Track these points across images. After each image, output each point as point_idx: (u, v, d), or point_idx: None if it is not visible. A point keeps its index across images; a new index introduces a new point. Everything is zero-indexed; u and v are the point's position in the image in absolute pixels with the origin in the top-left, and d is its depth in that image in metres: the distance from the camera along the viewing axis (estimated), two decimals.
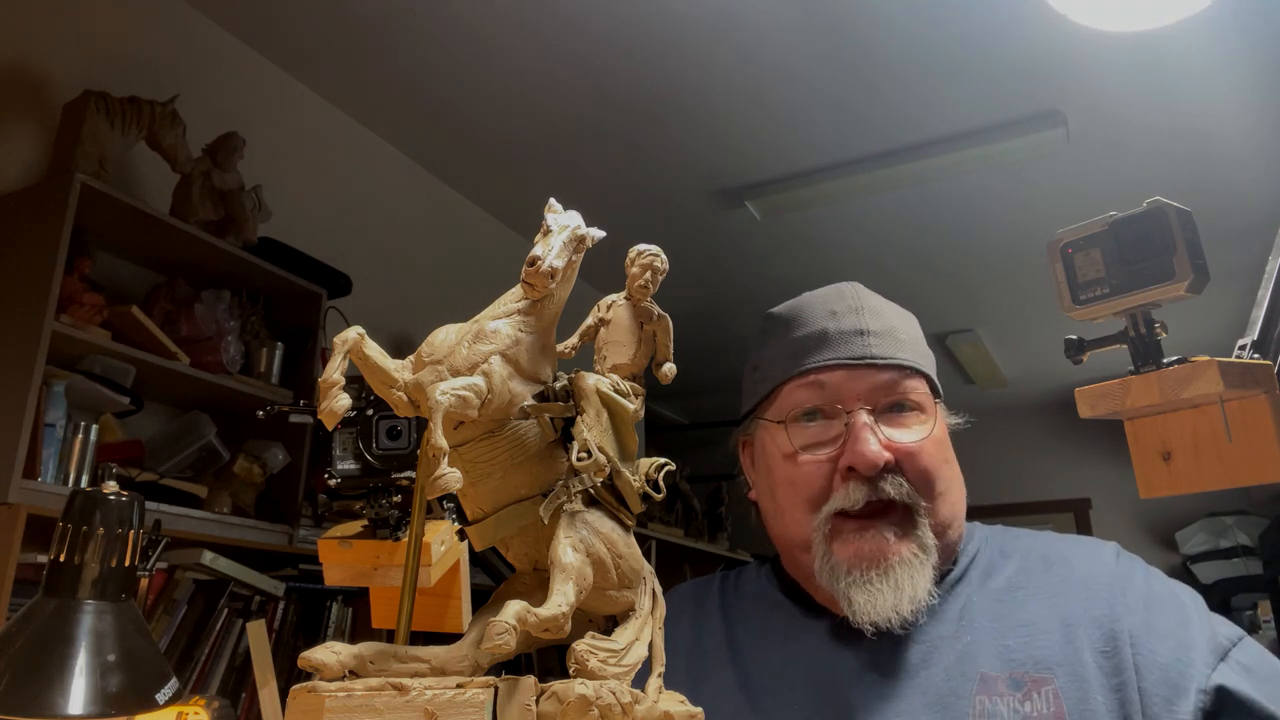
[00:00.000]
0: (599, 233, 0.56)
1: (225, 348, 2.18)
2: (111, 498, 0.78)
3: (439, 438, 0.45)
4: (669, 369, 0.62)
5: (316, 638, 2.14)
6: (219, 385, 2.15)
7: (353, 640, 0.63)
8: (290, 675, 1.99)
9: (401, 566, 0.67)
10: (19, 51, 2.10)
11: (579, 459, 0.53)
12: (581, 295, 0.58)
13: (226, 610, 1.98)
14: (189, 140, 2.20)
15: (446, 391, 0.47)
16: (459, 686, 0.46)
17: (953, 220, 3.66)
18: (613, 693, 0.47)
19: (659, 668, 0.56)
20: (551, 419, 0.55)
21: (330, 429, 0.56)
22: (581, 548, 0.52)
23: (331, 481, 0.73)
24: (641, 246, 0.62)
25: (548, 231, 0.53)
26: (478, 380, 0.49)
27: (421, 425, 0.70)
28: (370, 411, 0.72)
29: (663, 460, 0.59)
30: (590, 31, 2.59)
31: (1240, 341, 0.71)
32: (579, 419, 0.55)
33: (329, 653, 0.48)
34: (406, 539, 0.64)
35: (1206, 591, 5.13)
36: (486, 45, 2.67)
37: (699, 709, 0.53)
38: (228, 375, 2.18)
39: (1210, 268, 0.67)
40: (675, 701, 0.52)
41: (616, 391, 0.58)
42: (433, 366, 0.51)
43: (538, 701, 0.46)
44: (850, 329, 0.88)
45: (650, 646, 0.56)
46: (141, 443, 2.11)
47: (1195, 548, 5.30)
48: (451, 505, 0.77)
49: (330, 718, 0.45)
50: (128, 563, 0.77)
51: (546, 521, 0.53)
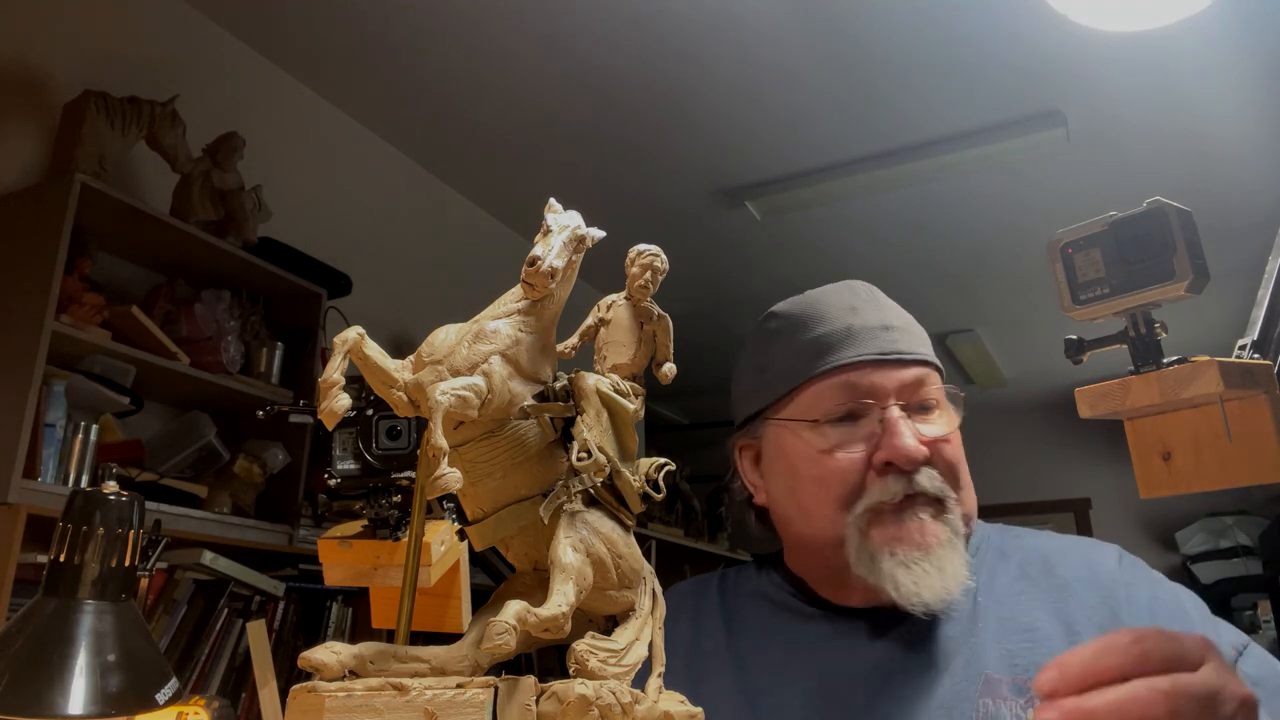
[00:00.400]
0: (599, 233, 0.56)
1: (225, 348, 2.18)
2: (111, 498, 0.78)
3: (439, 438, 0.45)
4: (669, 369, 0.62)
5: (316, 638, 2.14)
6: (219, 385, 2.15)
7: (353, 640, 0.63)
8: (290, 675, 1.98)
9: (401, 566, 0.67)
10: (19, 51, 2.10)
11: (579, 459, 0.53)
12: (581, 295, 0.58)
13: (226, 610, 1.98)
14: (189, 140, 2.20)
15: (446, 391, 0.47)
16: (459, 686, 0.46)
17: (953, 220, 3.66)
18: (613, 693, 0.47)
19: (659, 668, 0.56)
20: (551, 419, 0.55)
21: (330, 429, 0.56)
22: (581, 548, 0.52)
23: (331, 481, 0.73)
24: (641, 246, 0.62)
25: (548, 231, 0.53)
26: (478, 380, 0.49)
27: (421, 425, 0.70)
28: (370, 411, 0.72)
29: (663, 460, 0.59)
30: (590, 32, 2.59)
31: (1240, 341, 0.71)
32: (579, 419, 0.55)
33: (329, 653, 0.48)
34: (406, 539, 0.64)
35: (1206, 591, 5.13)
36: (487, 45, 2.67)
37: (699, 709, 0.53)
38: (228, 375, 2.18)
39: (1210, 268, 0.67)
40: (675, 701, 0.52)
41: (616, 391, 0.58)
42: (433, 366, 0.51)
43: (538, 701, 0.46)
44: (875, 324, 0.87)
45: (650, 646, 0.56)
46: (141, 443, 2.11)
47: (1195, 548, 5.30)
48: (451, 505, 0.77)
49: (330, 718, 0.45)
50: (128, 563, 0.77)
51: (546, 521, 0.53)
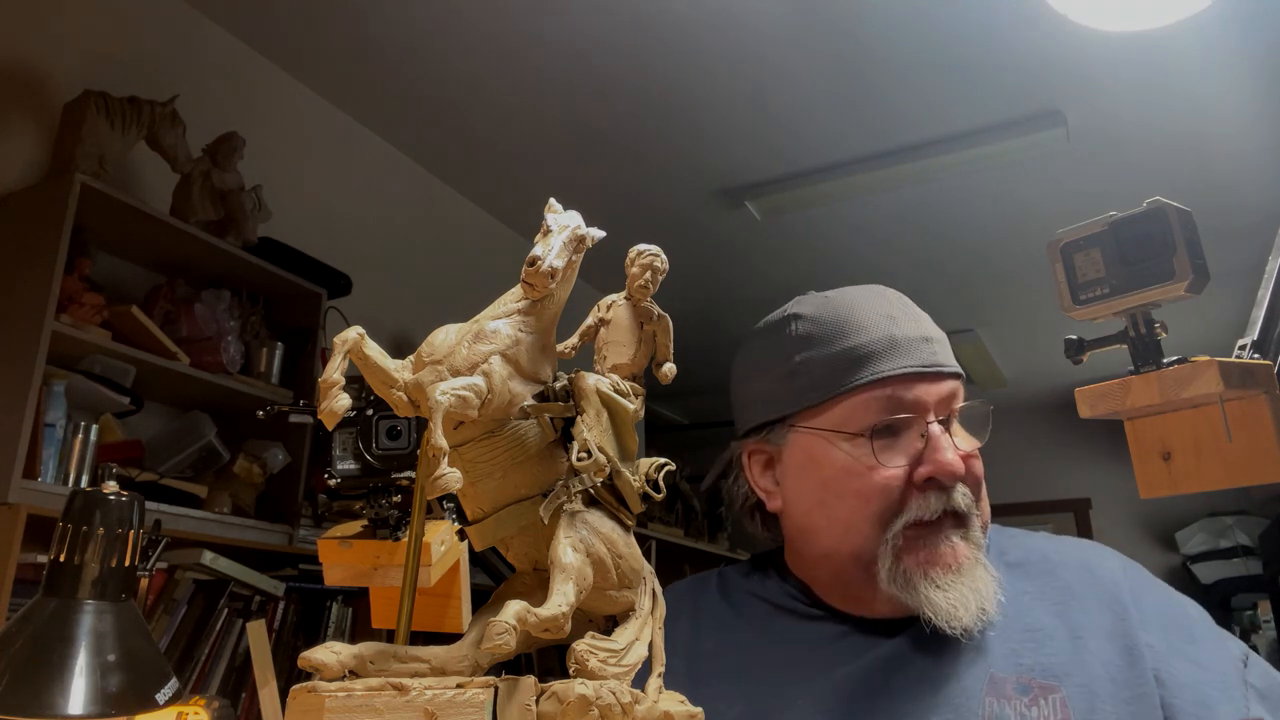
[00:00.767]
0: (599, 233, 0.56)
1: (225, 348, 2.18)
2: (111, 498, 0.78)
3: (439, 438, 0.45)
4: (669, 369, 0.62)
5: (316, 638, 2.14)
6: (219, 385, 2.15)
7: (353, 640, 0.63)
8: (290, 675, 1.99)
9: (401, 566, 0.67)
10: (19, 51, 2.10)
11: (579, 459, 0.53)
12: (581, 295, 0.58)
13: (226, 610, 1.98)
14: (189, 140, 2.20)
15: (446, 391, 0.47)
16: (459, 686, 0.46)
17: (953, 220, 3.66)
18: (613, 693, 0.47)
19: (659, 668, 0.56)
20: (551, 419, 0.55)
21: (330, 429, 0.56)
22: (581, 548, 0.52)
23: (331, 481, 0.73)
24: (641, 246, 0.62)
25: (548, 231, 0.53)
26: (478, 380, 0.49)
27: (421, 425, 0.70)
28: (370, 411, 0.72)
29: (663, 460, 0.59)
30: (591, 32, 2.59)
31: (1240, 341, 0.71)
32: (579, 419, 0.55)
33: (329, 653, 0.48)
34: (406, 539, 0.64)
35: (1206, 591, 5.14)
36: (487, 46, 2.67)
37: (699, 709, 0.53)
38: (228, 375, 2.18)
39: (1210, 268, 0.67)
40: (675, 701, 0.52)
41: (616, 391, 0.58)
42: (433, 366, 0.51)
43: (538, 701, 0.46)
44: (915, 335, 0.85)
45: (650, 646, 0.56)
46: (141, 443, 2.11)
47: (1195, 548, 5.30)
48: (451, 505, 0.77)
49: (330, 718, 0.45)
50: (128, 563, 0.77)
51: (546, 521, 0.53)
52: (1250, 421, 0.64)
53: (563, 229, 0.53)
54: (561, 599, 0.48)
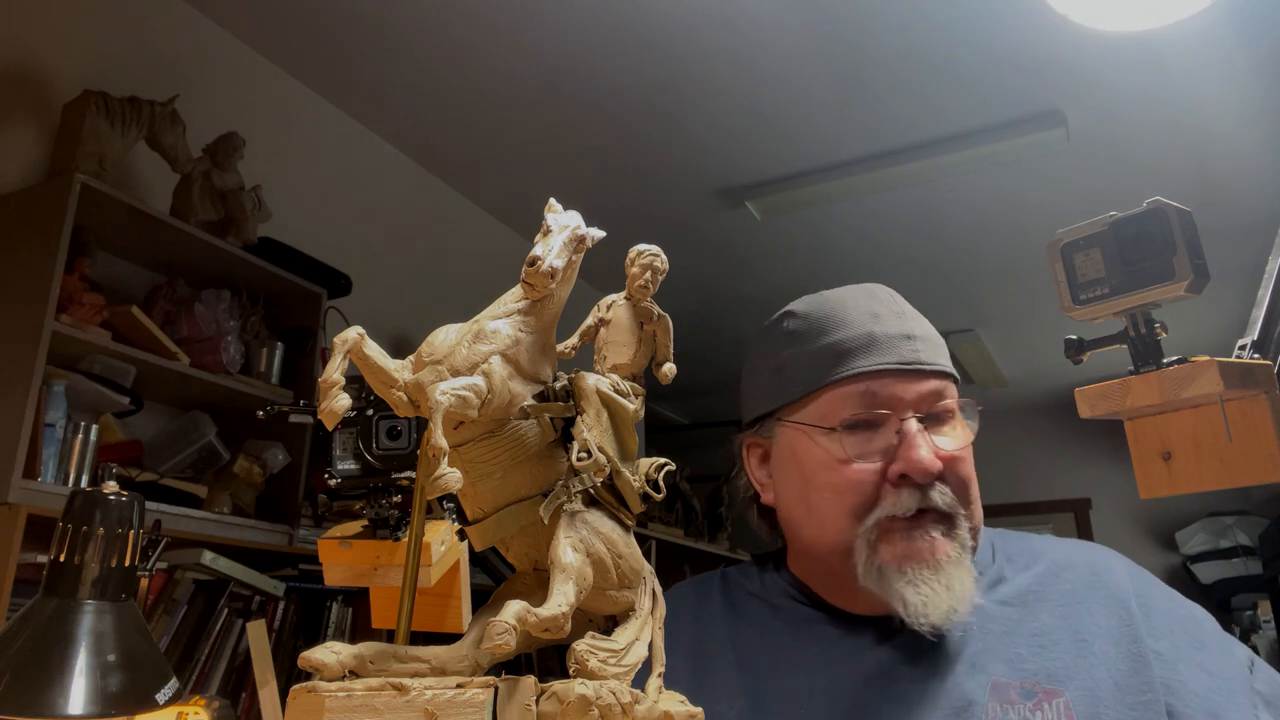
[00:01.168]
0: (599, 233, 0.56)
1: (225, 348, 2.18)
2: (111, 498, 0.78)
3: (439, 438, 0.45)
4: (669, 369, 0.62)
5: (316, 638, 2.14)
6: (219, 385, 2.15)
7: (353, 640, 0.63)
8: (290, 675, 1.99)
9: (401, 566, 0.67)
10: (19, 51, 2.10)
11: (579, 459, 0.53)
12: (581, 295, 0.58)
13: (226, 610, 1.98)
14: (189, 140, 2.20)
15: (446, 391, 0.47)
16: (459, 686, 0.46)
17: (953, 220, 3.66)
18: (613, 693, 0.47)
19: (659, 668, 0.56)
20: (551, 419, 0.55)
21: (330, 429, 0.56)
22: (581, 548, 0.52)
23: (331, 481, 0.73)
24: (641, 246, 0.62)
25: (548, 231, 0.53)
26: (478, 380, 0.49)
27: (421, 425, 0.70)
28: (370, 411, 0.72)
29: (663, 460, 0.59)
30: (591, 32, 2.59)
31: (1240, 341, 0.71)
32: (579, 419, 0.55)
33: (329, 653, 0.48)
34: (406, 539, 0.64)
35: (1206, 591, 5.14)
36: (486, 45, 2.67)
37: (699, 709, 0.53)
38: (228, 375, 2.18)
39: (1210, 268, 0.67)
40: (675, 701, 0.52)
41: (616, 391, 0.57)
42: (433, 366, 0.51)
43: (538, 701, 0.45)
44: (897, 333, 0.86)
45: (650, 646, 0.56)
46: (141, 443, 2.11)
47: (1195, 548, 5.30)
48: (451, 505, 0.77)
49: (330, 718, 0.45)
50: (128, 563, 0.77)
51: (546, 521, 0.53)
52: (1250, 421, 0.64)
53: (563, 229, 0.53)
54: (561, 599, 0.48)
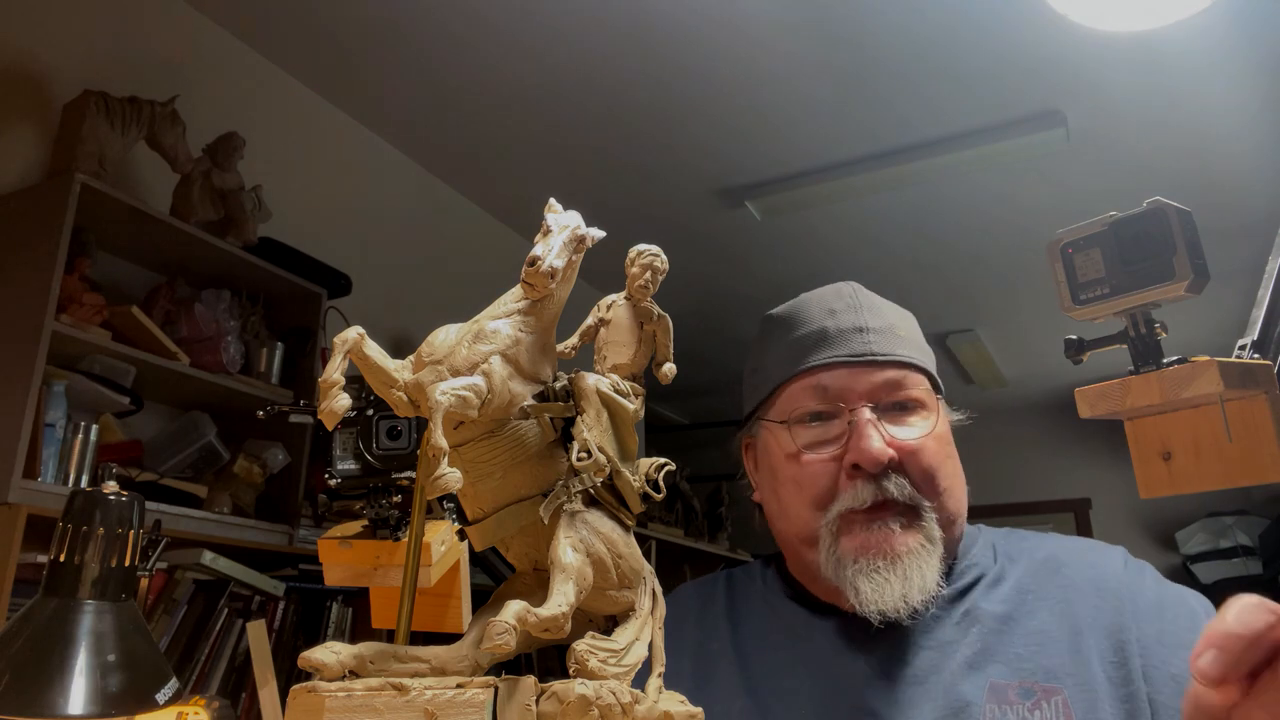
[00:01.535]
0: (599, 232, 0.56)
1: (225, 348, 2.18)
2: (111, 498, 0.78)
3: (439, 438, 0.45)
4: (669, 369, 0.62)
5: (316, 638, 2.14)
6: (219, 385, 2.15)
7: (353, 640, 0.63)
8: (290, 675, 1.99)
9: (401, 566, 0.67)
10: (19, 51, 2.10)
11: (579, 459, 0.53)
12: (581, 295, 0.58)
13: (226, 610, 1.98)
14: (189, 140, 2.20)
15: (446, 391, 0.47)
16: (459, 686, 0.46)
17: (953, 220, 3.66)
18: (613, 693, 0.47)
19: (659, 668, 0.56)
20: (551, 419, 0.54)
21: (330, 429, 0.56)
22: (581, 548, 0.52)
23: (331, 481, 0.73)
24: (641, 246, 0.61)
25: (548, 231, 0.53)
26: (478, 380, 0.49)
27: (421, 425, 0.70)
28: (370, 411, 0.72)
29: (663, 460, 0.59)
30: (591, 32, 2.59)
31: (1240, 341, 0.71)
32: (579, 419, 0.55)
33: (329, 653, 0.48)
34: (406, 539, 0.64)
35: (1206, 591, 5.13)
36: (486, 46, 2.67)
37: (699, 709, 0.53)
38: (228, 375, 2.18)
39: (1210, 268, 0.66)
40: (675, 701, 0.52)
41: (616, 391, 0.57)
42: (433, 366, 0.51)
43: (538, 701, 0.45)
44: (849, 326, 0.88)
45: (650, 646, 0.56)
46: (141, 443, 2.11)
47: (1195, 548, 5.30)
48: (451, 505, 0.77)
49: (330, 718, 0.45)
50: (128, 563, 0.77)
51: (546, 521, 0.53)
52: (1250, 421, 0.64)
53: (563, 229, 0.53)
54: (561, 599, 0.48)
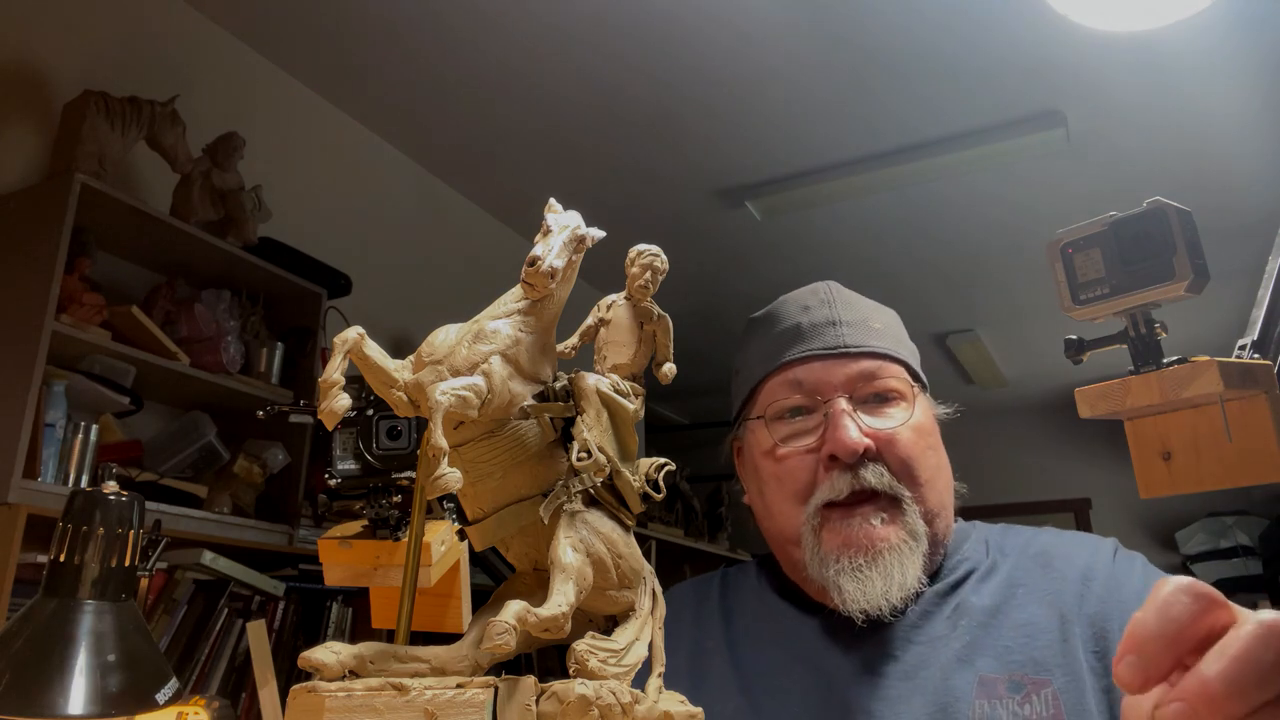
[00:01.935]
0: (599, 232, 0.56)
1: (225, 348, 2.18)
2: (111, 498, 0.78)
3: (439, 438, 0.45)
4: (669, 369, 0.62)
5: (316, 638, 2.14)
6: (219, 385, 2.15)
7: (353, 640, 0.63)
8: (290, 675, 1.99)
9: (401, 566, 0.67)
10: (19, 51, 2.10)
11: (579, 459, 0.53)
12: (581, 295, 0.58)
13: (226, 610, 1.98)
14: (189, 140, 2.20)
15: (446, 391, 0.47)
16: (459, 686, 0.46)
17: (953, 220, 3.66)
18: (613, 693, 0.47)
19: (659, 668, 0.56)
20: (551, 419, 0.54)
21: (330, 429, 0.56)
22: (581, 548, 0.52)
23: (331, 481, 0.73)
24: (641, 246, 0.61)
25: (548, 231, 0.53)
26: (478, 380, 0.49)
27: (421, 425, 0.70)
28: (370, 411, 0.72)
29: (663, 460, 0.59)
30: (591, 32, 2.59)
31: (1240, 341, 0.71)
32: (579, 419, 0.55)
33: (329, 653, 0.48)
34: (406, 539, 0.64)
35: None
36: (487, 45, 2.67)
37: (699, 709, 0.53)
38: (228, 375, 2.18)
39: (1210, 267, 0.66)
40: (675, 701, 0.52)
41: (616, 391, 0.57)
42: (433, 366, 0.51)
43: (538, 701, 0.45)
44: (823, 320, 0.89)
45: (650, 646, 0.56)
46: (141, 443, 2.11)
47: (1195, 548, 5.30)
48: (451, 505, 0.77)
49: (330, 718, 0.45)
50: (128, 563, 0.77)
51: (546, 521, 0.53)
52: (1250, 421, 0.64)
53: (563, 229, 0.53)
54: (561, 599, 0.48)
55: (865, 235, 3.78)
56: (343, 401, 0.48)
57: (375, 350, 0.51)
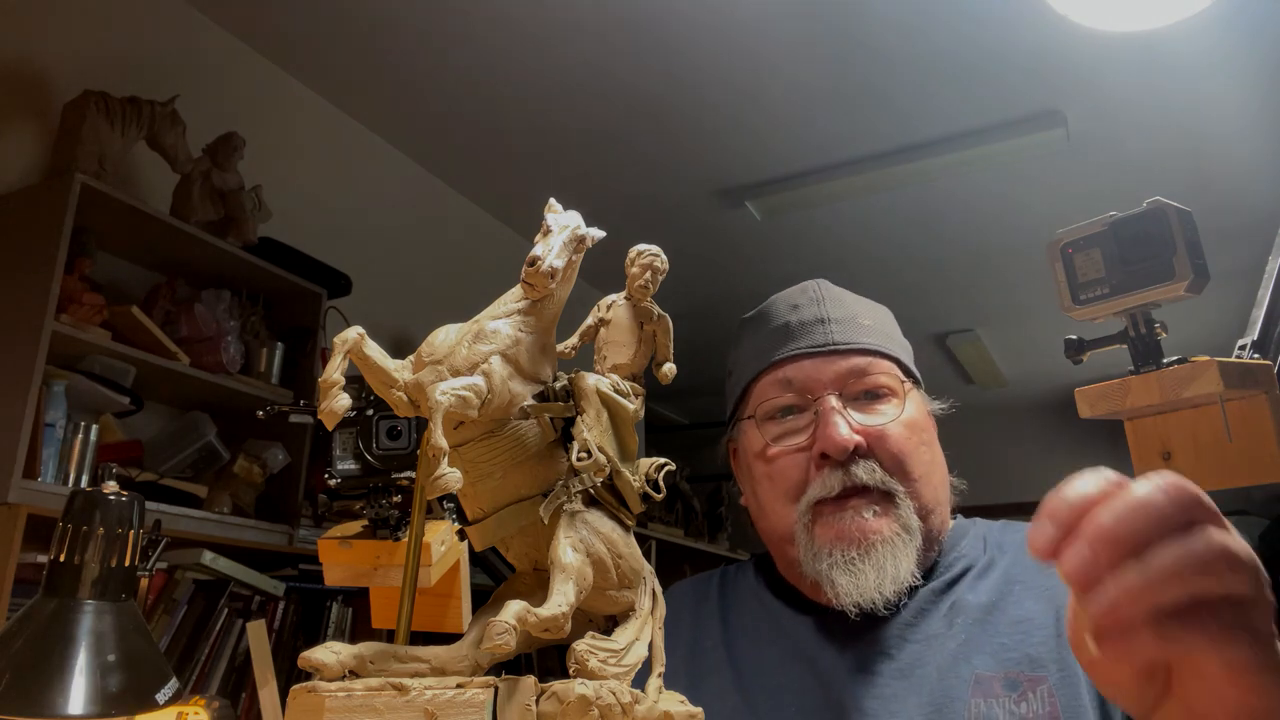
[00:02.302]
0: (599, 232, 0.56)
1: (225, 348, 2.18)
2: (111, 498, 0.78)
3: (439, 438, 0.45)
4: (669, 369, 0.62)
5: (316, 638, 2.14)
6: (219, 385, 2.15)
7: (353, 640, 0.63)
8: (290, 675, 1.99)
9: (401, 566, 0.67)
10: (19, 51, 2.10)
11: (579, 459, 0.53)
12: (581, 295, 0.58)
13: (226, 610, 1.98)
14: (189, 140, 2.20)
15: (446, 391, 0.47)
16: (459, 686, 0.46)
17: (953, 220, 3.66)
18: (613, 693, 0.47)
19: (659, 668, 0.56)
20: (551, 419, 0.55)
21: (330, 429, 0.56)
22: (581, 548, 0.52)
23: (331, 481, 0.73)
24: (641, 246, 0.62)
25: (548, 231, 0.53)
26: (478, 380, 0.49)
27: (421, 425, 0.70)
28: (370, 411, 0.72)
29: (663, 460, 0.59)
30: (591, 32, 2.59)
31: (1240, 341, 0.71)
32: (579, 419, 0.55)
33: (329, 653, 0.48)
34: (406, 539, 0.64)
35: None
36: (487, 45, 2.67)
37: (699, 709, 0.53)
38: (228, 375, 2.18)
39: (1210, 268, 0.67)
40: (675, 701, 0.52)
41: (616, 391, 0.57)
42: (433, 366, 0.51)
43: (538, 701, 0.45)
44: (811, 319, 0.89)
45: (650, 646, 0.56)
46: (141, 443, 2.11)
47: None
48: (451, 505, 0.77)
49: (330, 718, 0.45)
50: (128, 563, 0.77)
51: (546, 521, 0.53)
52: (1250, 421, 0.64)
53: (563, 229, 0.53)
54: (561, 599, 0.48)
55: (865, 235, 3.78)
56: (343, 401, 0.48)
57: (375, 350, 0.51)
